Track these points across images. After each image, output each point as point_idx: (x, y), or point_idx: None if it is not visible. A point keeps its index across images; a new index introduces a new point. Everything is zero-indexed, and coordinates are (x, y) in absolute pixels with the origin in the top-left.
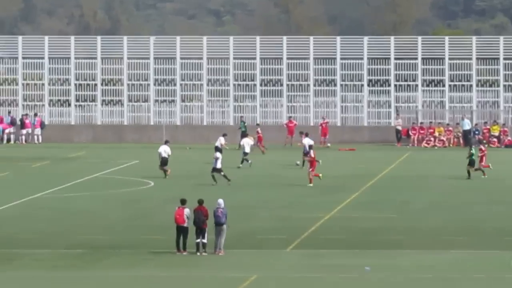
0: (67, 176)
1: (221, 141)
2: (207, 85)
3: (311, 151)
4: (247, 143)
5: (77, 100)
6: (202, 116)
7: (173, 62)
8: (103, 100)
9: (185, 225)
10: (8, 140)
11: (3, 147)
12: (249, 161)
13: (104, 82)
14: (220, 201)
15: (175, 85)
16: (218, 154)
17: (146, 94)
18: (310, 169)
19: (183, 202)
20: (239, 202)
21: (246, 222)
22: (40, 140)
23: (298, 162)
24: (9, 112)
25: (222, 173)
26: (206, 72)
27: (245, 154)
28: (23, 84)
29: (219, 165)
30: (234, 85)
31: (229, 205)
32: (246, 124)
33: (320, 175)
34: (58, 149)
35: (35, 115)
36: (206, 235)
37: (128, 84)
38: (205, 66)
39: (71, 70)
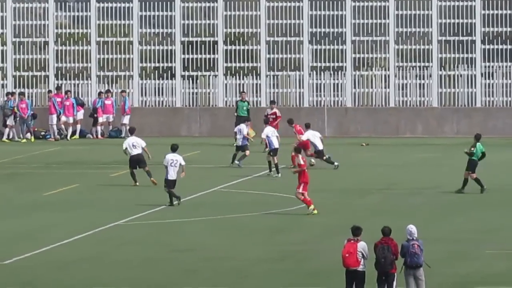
0: None
1: (242, 132)
2: (397, 42)
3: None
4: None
5: (186, 69)
6: (386, 92)
7: None
8: (227, 69)
9: (360, 268)
10: (74, 132)
11: (69, 145)
12: (335, 164)
13: (228, 39)
14: (412, 228)
15: (343, 42)
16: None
17: (297, 57)
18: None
19: (356, 232)
20: (445, 231)
21: (457, 262)
22: (124, 134)
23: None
24: (70, 91)
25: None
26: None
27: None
28: (98, 43)
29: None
30: None
31: (427, 236)
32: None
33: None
34: (154, 147)
35: (108, 92)
36: (395, 284)
37: (268, 42)
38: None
39: (176, 20)
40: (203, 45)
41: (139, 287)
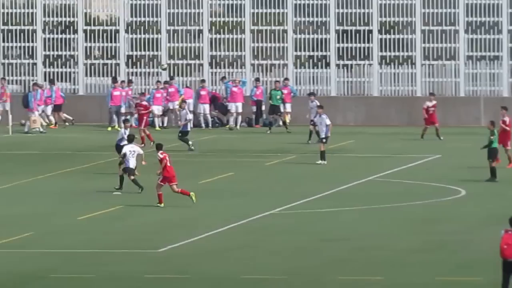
0: (323, 179)
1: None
2: None
3: None
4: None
5: (340, 58)
6: None
7: None
8: (382, 58)
9: None
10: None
11: (223, 133)
12: None
13: (383, 28)
14: None
15: (499, 32)
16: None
17: (453, 46)
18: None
19: None
20: None
21: None
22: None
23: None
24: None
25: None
26: None
27: None
28: (252, 32)
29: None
30: None
31: None
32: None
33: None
34: (302, 136)
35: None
36: None
37: (423, 31)
38: None
39: (331, 8)
40: (357, 34)
41: (292, 276)
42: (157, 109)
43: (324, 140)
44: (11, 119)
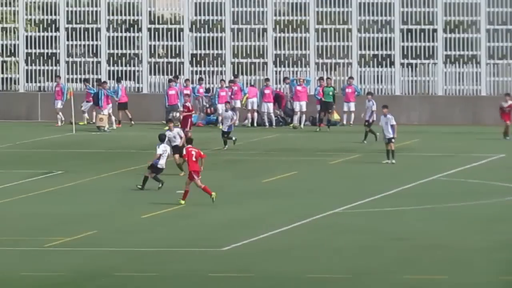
0: (387, 178)
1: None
2: None
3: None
4: None
5: (405, 57)
6: None
7: None
8: (447, 57)
9: None
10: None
11: (287, 132)
12: None
13: (448, 27)
14: None
15: None
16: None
17: (506, 45)
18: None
19: None
20: None
21: None
22: (352, 120)
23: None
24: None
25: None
26: None
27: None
28: (316, 31)
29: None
30: None
31: None
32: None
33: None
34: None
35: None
36: None
37: (488, 30)
38: None
39: (395, 7)
40: (422, 33)
41: (357, 275)
42: (221, 108)
43: (393, 140)
44: (74, 117)
